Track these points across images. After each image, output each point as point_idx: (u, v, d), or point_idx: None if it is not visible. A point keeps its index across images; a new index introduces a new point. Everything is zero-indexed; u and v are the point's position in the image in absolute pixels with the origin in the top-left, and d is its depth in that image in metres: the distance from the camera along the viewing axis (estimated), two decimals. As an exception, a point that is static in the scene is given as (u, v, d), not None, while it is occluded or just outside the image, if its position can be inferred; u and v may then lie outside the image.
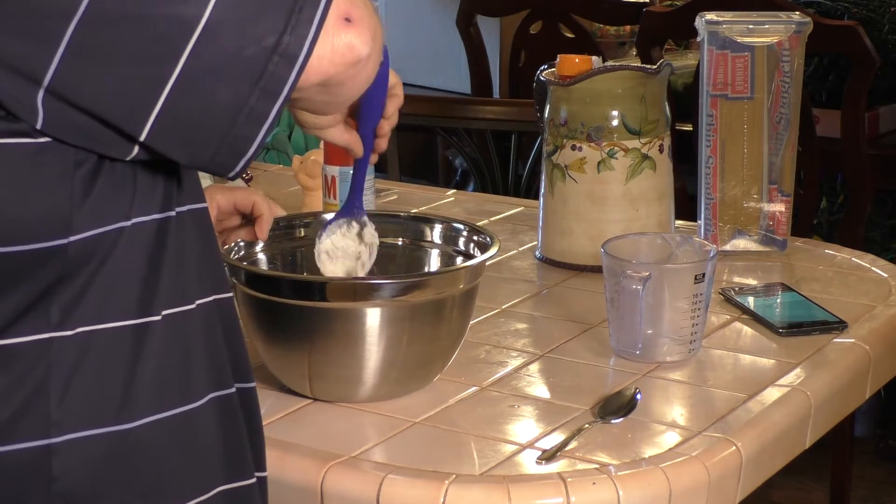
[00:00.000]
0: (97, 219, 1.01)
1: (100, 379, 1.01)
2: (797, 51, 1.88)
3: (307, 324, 1.39)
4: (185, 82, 0.97)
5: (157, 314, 1.04)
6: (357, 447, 1.33)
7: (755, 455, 1.36)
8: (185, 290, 1.07)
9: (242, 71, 0.98)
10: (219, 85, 0.98)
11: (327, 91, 1.05)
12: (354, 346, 1.38)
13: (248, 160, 1.02)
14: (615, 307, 1.53)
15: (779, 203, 1.92)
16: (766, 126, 1.90)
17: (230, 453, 1.10)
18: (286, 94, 1.00)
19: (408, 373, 1.43)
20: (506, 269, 1.85)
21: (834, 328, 1.63)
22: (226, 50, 0.97)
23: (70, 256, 1.00)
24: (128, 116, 0.98)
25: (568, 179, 1.84)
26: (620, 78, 1.82)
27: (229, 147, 1.00)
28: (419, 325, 1.40)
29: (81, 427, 1.01)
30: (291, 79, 0.99)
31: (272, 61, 0.98)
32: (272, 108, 0.99)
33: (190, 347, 1.07)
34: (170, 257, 1.05)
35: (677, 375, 1.51)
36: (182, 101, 0.97)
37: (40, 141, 0.98)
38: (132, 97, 0.97)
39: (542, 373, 1.53)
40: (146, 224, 1.03)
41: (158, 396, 1.04)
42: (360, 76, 1.04)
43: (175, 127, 0.99)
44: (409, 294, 1.39)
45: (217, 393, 1.09)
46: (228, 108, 0.98)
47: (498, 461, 1.31)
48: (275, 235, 1.53)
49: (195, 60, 0.96)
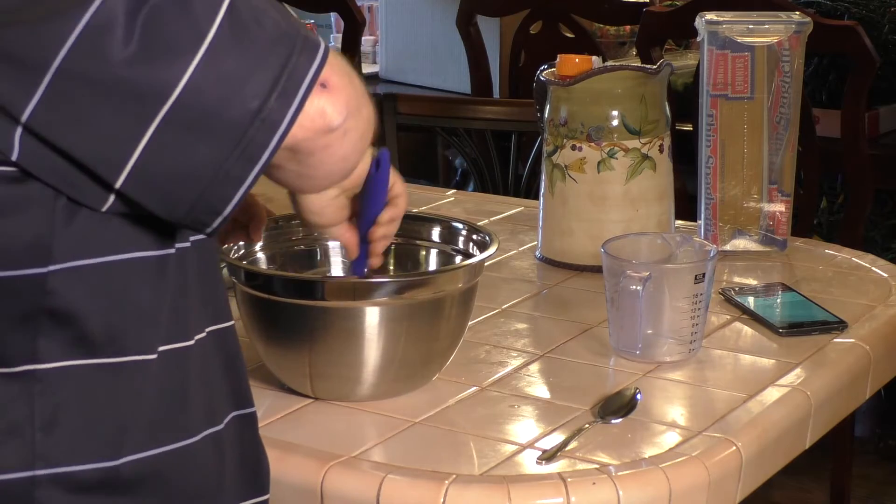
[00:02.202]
0: (80, 250, 0.99)
1: (89, 414, 1.00)
2: (797, 51, 1.88)
3: (307, 323, 1.39)
4: (165, 136, 0.95)
5: (152, 353, 1.03)
6: (357, 447, 1.33)
7: (755, 455, 1.36)
8: (184, 326, 1.06)
9: (223, 132, 0.96)
10: (198, 143, 0.96)
11: (298, 160, 1.02)
12: (354, 345, 1.39)
13: (224, 219, 1.00)
14: (615, 307, 1.53)
15: (779, 203, 1.92)
16: (766, 126, 1.90)
17: (222, 488, 1.09)
18: (265, 160, 0.98)
19: (407, 371, 1.43)
20: (506, 269, 1.85)
21: (834, 328, 1.63)
22: (208, 109, 0.95)
23: (51, 287, 0.98)
24: (104, 163, 0.96)
25: (568, 179, 1.84)
26: (620, 78, 1.82)
27: (205, 205, 0.99)
28: (418, 324, 1.40)
29: (68, 461, 1.00)
30: (272, 145, 0.98)
31: (254, 126, 0.96)
32: (250, 172, 0.98)
33: (186, 384, 1.06)
34: (168, 296, 1.04)
35: (677, 375, 1.51)
36: (160, 154, 0.96)
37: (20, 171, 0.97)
38: (109, 146, 0.96)
39: (542, 373, 1.53)
40: (141, 260, 1.02)
41: (150, 433, 1.03)
42: (332, 148, 1.02)
43: (152, 179, 0.97)
44: (408, 293, 1.39)
45: (211, 430, 1.08)
46: (206, 167, 0.97)
47: (498, 461, 1.31)
48: (274, 234, 1.53)
49: (175, 116, 0.95)
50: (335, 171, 1.05)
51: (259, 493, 1.15)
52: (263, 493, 1.16)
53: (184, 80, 0.94)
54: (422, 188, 2.33)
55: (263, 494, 1.16)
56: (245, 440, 1.13)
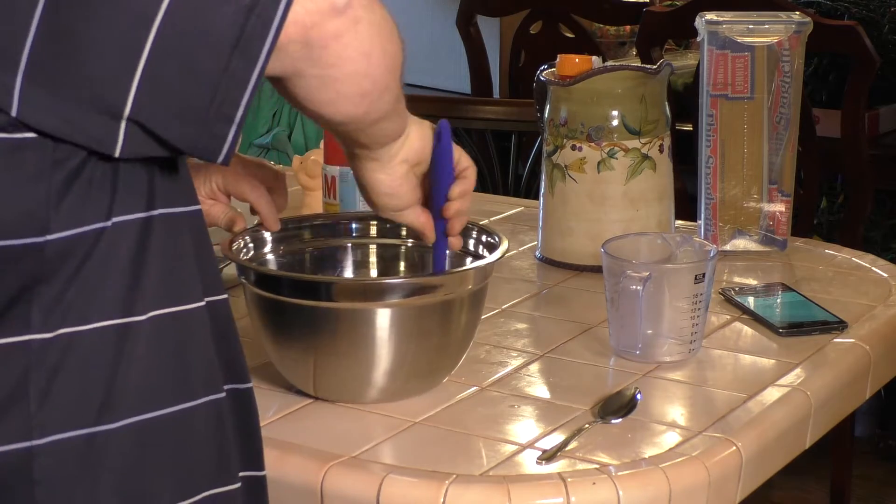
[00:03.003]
0: (75, 219, 0.99)
1: (82, 381, 1.00)
2: (797, 51, 1.88)
3: (316, 324, 1.38)
4: (164, 44, 0.95)
5: (141, 315, 1.02)
6: (357, 447, 1.33)
7: (755, 455, 1.36)
8: (174, 292, 1.05)
9: (220, 33, 0.96)
10: (197, 48, 0.96)
11: (313, 59, 1.01)
12: (363, 348, 1.38)
13: (238, 128, 0.99)
14: (615, 307, 1.53)
15: (779, 203, 1.92)
16: (766, 126, 1.90)
17: (218, 458, 1.09)
18: (266, 54, 0.97)
19: (417, 374, 1.42)
20: (506, 269, 1.85)
21: (834, 328, 1.63)
22: (201, 11, 0.95)
23: (47, 256, 0.98)
24: (110, 85, 0.95)
25: (568, 179, 1.84)
26: (620, 78, 1.82)
27: (217, 112, 0.98)
28: (428, 327, 1.39)
29: (63, 429, 0.99)
30: (270, 37, 0.97)
31: (249, 22, 0.96)
32: (254, 69, 0.97)
33: (178, 350, 1.05)
34: (155, 258, 1.03)
35: (677, 375, 1.51)
36: (163, 64, 0.95)
37: (17, 137, 0.96)
38: (112, 64, 0.95)
39: (542, 373, 1.53)
40: (128, 223, 1.01)
41: (142, 398, 1.02)
42: (345, 38, 1.01)
43: (159, 95, 0.97)
44: (418, 295, 1.38)
45: (207, 398, 1.07)
46: (210, 71, 0.96)
47: (498, 461, 1.31)
48: (284, 236, 1.52)
49: (171, 20, 0.94)
50: (359, 70, 1.03)
51: (257, 468, 1.15)
52: (261, 468, 1.15)
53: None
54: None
55: (261, 470, 1.15)
56: (240, 415, 1.13)
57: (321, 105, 1.07)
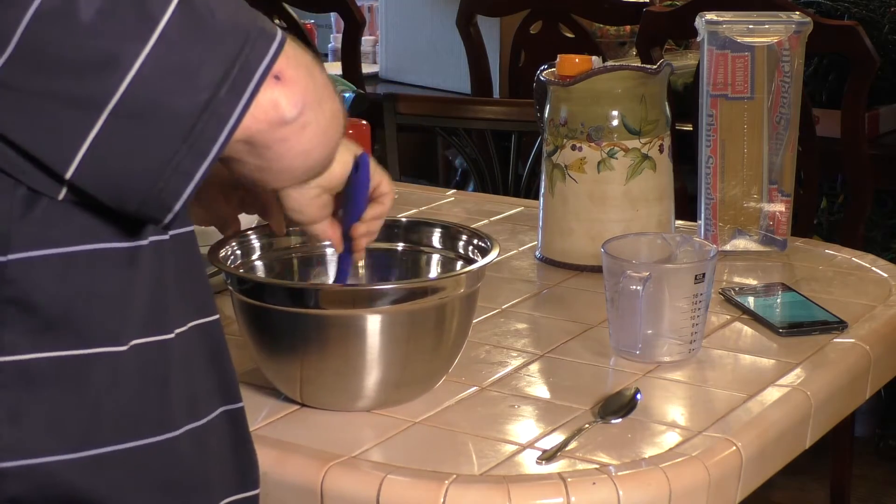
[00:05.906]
0: (41, 239, 0.98)
1: (57, 406, 0.99)
2: (797, 51, 1.88)
3: (306, 332, 1.36)
4: (114, 127, 0.94)
5: (123, 345, 1.01)
6: (357, 447, 1.33)
7: (755, 455, 1.36)
8: (162, 319, 1.04)
9: (172, 124, 0.95)
10: (148, 136, 0.95)
11: (256, 154, 1.01)
12: (353, 355, 1.36)
13: (176, 213, 0.98)
14: (615, 307, 1.53)
15: (779, 203, 1.92)
16: (766, 126, 1.90)
17: (207, 483, 1.08)
18: (215, 153, 0.97)
19: (408, 380, 1.41)
20: (506, 269, 1.85)
21: (834, 328, 1.63)
22: (156, 100, 0.94)
23: (10, 275, 0.97)
24: (54, 155, 0.95)
25: (568, 179, 1.84)
26: (620, 78, 1.82)
27: (156, 200, 0.97)
28: (419, 332, 1.38)
29: (36, 454, 0.98)
30: (222, 138, 0.96)
31: (202, 119, 0.95)
32: (200, 166, 0.97)
33: (165, 377, 1.04)
34: (141, 288, 1.02)
35: (677, 375, 1.51)
36: (109, 146, 0.95)
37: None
38: (58, 139, 0.94)
39: (542, 373, 1.53)
40: (108, 251, 1.00)
41: (125, 426, 1.01)
42: (290, 142, 1.01)
43: (102, 172, 0.96)
44: (408, 300, 1.36)
45: (192, 425, 1.07)
46: (156, 161, 0.96)
47: (498, 461, 1.31)
48: (272, 242, 1.51)
49: (124, 107, 0.93)
50: (296, 165, 1.04)
51: (249, 488, 1.14)
52: (254, 487, 1.15)
53: (133, 71, 0.93)
54: (422, 188, 2.33)
55: (254, 489, 1.15)
56: (234, 435, 1.12)
57: (256, 181, 1.08)
